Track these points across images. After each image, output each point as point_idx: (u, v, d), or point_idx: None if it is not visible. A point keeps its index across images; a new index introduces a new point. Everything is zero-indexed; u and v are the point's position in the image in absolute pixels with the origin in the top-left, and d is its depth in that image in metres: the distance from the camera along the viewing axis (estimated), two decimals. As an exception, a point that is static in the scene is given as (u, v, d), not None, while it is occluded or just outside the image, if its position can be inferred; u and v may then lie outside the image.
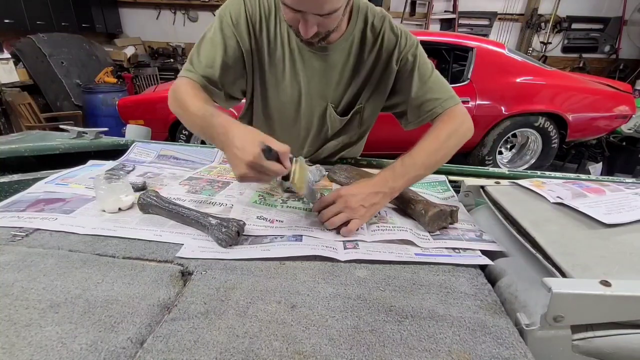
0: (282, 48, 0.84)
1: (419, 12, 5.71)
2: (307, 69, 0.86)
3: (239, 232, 0.61)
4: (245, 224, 0.63)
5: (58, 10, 4.41)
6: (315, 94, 0.89)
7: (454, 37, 3.31)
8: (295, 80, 0.87)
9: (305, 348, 0.42)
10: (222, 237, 0.60)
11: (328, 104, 0.91)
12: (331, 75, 0.88)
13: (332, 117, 0.92)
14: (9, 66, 3.61)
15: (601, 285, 0.42)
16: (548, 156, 3.31)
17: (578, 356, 0.44)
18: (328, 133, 0.96)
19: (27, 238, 0.61)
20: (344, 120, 0.93)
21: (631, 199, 0.64)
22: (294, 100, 0.90)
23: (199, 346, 0.41)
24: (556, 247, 0.52)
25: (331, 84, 0.89)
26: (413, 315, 0.48)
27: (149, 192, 0.70)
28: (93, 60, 4.64)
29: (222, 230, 0.60)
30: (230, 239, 0.60)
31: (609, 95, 3.19)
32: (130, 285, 0.50)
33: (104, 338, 0.41)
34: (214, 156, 1.03)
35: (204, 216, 0.63)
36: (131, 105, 3.09)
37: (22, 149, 0.98)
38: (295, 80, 0.87)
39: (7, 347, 0.39)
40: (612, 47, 5.90)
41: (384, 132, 2.96)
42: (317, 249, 0.60)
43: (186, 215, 0.65)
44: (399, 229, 0.66)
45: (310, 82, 0.87)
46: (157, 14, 5.84)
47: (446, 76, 3.20)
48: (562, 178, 0.89)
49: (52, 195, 0.75)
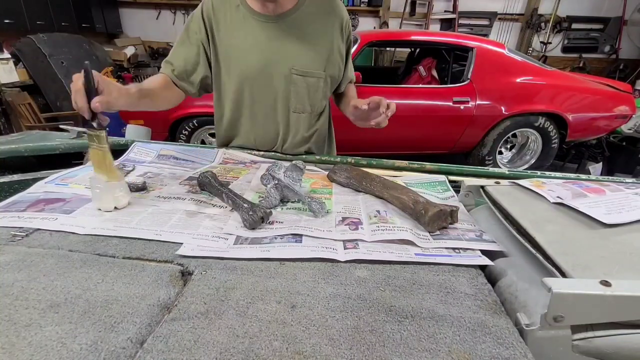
0: (241, 28, 0.98)
1: (419, 12, 5.71)
2: (268, 38, 0.98)
3: (263, 218, 0.66)
4: (271, 213, 0.69)
5: (58, 10, 4.41)
6: (277, 61, 1.00)
7: (454, 37, 3.30)
8: (257, 50, 0.99)
9: (305, 348, 0.42)
10: (247, 218, 0.65)
11: (290, 70, 1.01)
12: (290, 42, 0.99)
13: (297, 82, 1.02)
14: (9, 66, 3.61)
15: (601, 285, 0.42)
16: (548, 156, 3.32)
17: (578, 356, 0.44)
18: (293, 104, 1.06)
19: (27, 238, 0.61)
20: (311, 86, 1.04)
21: (631, 199, 0.64)
22: (259, 70, 1.00)
23: (199, 346, 0.41)
24: (556, 247, 0.52)
25: (291, 51, 1.00)
26: (413, 315, 0.48)
27: (206, 173, 0.80)
28: (93, 60, 4.63)
29: (248, 213, 0.66)
30: (253, 221, 0.65)
31: (609, 95, 3.19)
32: (130, 285, 0.50)
33: (104, 338, 0.41)
34: (214, 156, 1.03)
35: (240, 199, 0.72)
36: (131, 105, 3.09)
37: (22, 149, 0.98)
38: (257, 49, 0.99)
39: (7, 347, 0.39)
40: (612, 47, 5.90)
41: (386, 133, 2.97)
42: (317, 250, 0.60)
43: (227, 195, 0.74)
44: (399, 229, 0.66)
45: (270, 50, 0.99)
46: (157, 14, 5.85)
47: (446, 76, 3.23)
48: (562, 178, 0.89)
49: (52, 195, 0.75)
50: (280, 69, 1.00)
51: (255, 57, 0.99)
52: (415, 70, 3.47)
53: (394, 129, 3.11)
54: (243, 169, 0.97)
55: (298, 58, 1.00)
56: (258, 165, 0.99)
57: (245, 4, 0.98)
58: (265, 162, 1.01)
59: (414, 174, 0.98)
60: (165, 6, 5.76)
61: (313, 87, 1.04)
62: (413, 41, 3.43)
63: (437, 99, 3.01)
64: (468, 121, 3.03)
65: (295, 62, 1.00)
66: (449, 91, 3.01)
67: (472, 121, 3.04)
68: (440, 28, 5.84)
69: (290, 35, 0.98)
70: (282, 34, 0.98)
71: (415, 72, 3.48)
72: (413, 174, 0.98)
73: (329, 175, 0.91)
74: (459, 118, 3.02)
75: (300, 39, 0.99)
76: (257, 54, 0.98)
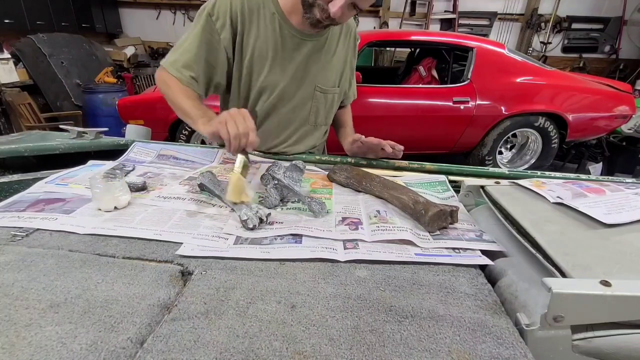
0: (273, 39, 0.94)
1: (419, 12, 5.71)
2: (300, 55, 0.98)
3: (261, 219, 0.67)
4: (270, 214, 0.69)
5: (58, 10, 4.41)
6: (304, 77, 1.00)
7: (454, 37, 3.30)
8: (288, 65, 0.98)
9: (305, 348, 0.42)
10: (246, 219, 0.66)
11: (315, 87, 1.03)
12: (319, 61, 1.00)
13: (318, 99, 1.05)
14: (9, 66, 3.61)
15: (601, 285, 0.42)
16: (548, 156, 3.31)
17: (578, 356, 0.44)
18: (312, 118, 1.08)
19: (27, 238, 0.61)
20: (329, 98, 1.07)
21: (631, 199, 0.64)
22: (285, 85, 0.99)
23: (199, 346, 0.41)
24: (556, 247, 0.52)
25: (319, 70, 1.01)
26: (413, 315, 0.48)
27: (205, 173, 0.80)
28: (93, 60, 4.64)
29: (247, 214, 0.66)
30: (252, 222, 0.65)
31: (609, 95, 3.19)
32: (130, 285, 0.50)
33: (104, 338, 0.41)
34: (214, 156, 1.03)
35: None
36: (131, 105, 3.09)
37: (22, 149, 0.98)
38: (288, 64, 0.98)
39: (7, 347, 0.39)
40: (612, 47, 5.90)
41: (386, 133, 2.97)
42: (316, 251, 0.60)
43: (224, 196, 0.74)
44: (399, 229, 0.66)
45: (300, 67, 0.99)
46: (157, 14, 5.85)
47: (446, 76, 3.23)
48: (562, 178, 0.89)
49: (52, 195, 0.75)
50: (305, 86, 1.01)
51: (284, 72, 0.98)
52: (415, 70, 3.47)
53: (394, 129, 3.13)
54: (243, 169, 0.97)
55: (323, 76, 1.02)
56: (258, 165, 0.99)
57: (282, 15, 0.93)
58: (265, 162, 1.01)
59: (414, 174, 0.98)
60: (165, 6, 5.76)
61: (330, 102, 1.08)
62: (413, 41, 3.43)
63: (437, 99, 3.01)
64: (468, 121, 3.03)
65: (320, 80, 1.02)
66: (449, 91, 3.01)
67: (472, 121, 3.04)
68: (440, 28, 5.84)
69: (320, 54, 1.00)
70: (314, 53, 0.99)
71: (415, 72, 3.47)
72: (413, 174, 0.98)
73: (329, 175, 0.91)
74: (459, 118, 3.02)
75: (327, 58, 1.02)
76: (286, 69, 0.97)
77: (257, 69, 0.97)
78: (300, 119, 1.07)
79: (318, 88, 1.03)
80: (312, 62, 1.00)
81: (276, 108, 1.03)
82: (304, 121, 1.08)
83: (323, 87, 1.04)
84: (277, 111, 1.04)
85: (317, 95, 1.04)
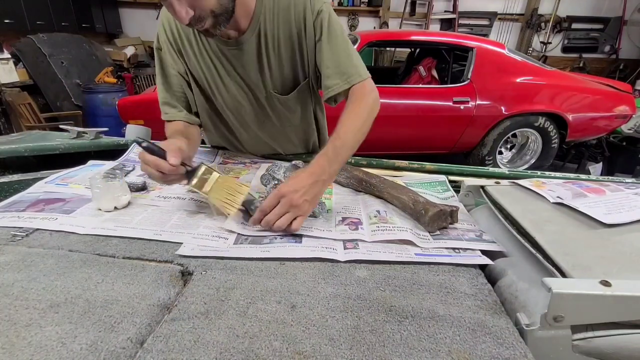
0: (209, 57, 0.86)
1: (419, 12, 5.71)
2: (237, 66, 0.87)
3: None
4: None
5: (58, 10, 4.40)
6: (256, 86, 0.90)
7: (454, 37, 3.30)
8: (234, 81, 0.89)
9: (305, 348, 0.42)
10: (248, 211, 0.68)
11: (269, 92, 0.91)
12: (259, 65, 0.86)
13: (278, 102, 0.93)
14: (9, 66, 3.60)
15: (601, 285, 0.42)
16: (548, 156, 3.31)
17: (578, 356, 0.44)
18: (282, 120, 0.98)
19: (27, 238, 0.61)
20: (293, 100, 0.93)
21: (631, 199, 0.64)
22: (243, 98, 0.92)
23: (199, 346, 0.41)
24: (556, 247, 0.52)
25: (264, 73, 0.88)
26: (413, 315, 0.48)
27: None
28: (93, 60, 4.64)
29: (250, 207, 0.68)
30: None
31: (609, 95, 3.19)
32: (130, 285, 0.50)
33: (104, 338, 0.41)
34: (214, 156, 1.03)
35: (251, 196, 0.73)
36: (131, 105, 3.09)
37: (22, 149, 0.98)
38: (234, 80, 0.89)
39: (7, 347, 0.39)
40: (612, 47, 5.90)
41: (386, 133, 2.97)
42: (316, 250, 0.60)
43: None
44: (399, 229, 0.66)
45: (245, 77, 0.88)
46: (157, 14, 5.83)
47: (446, 76, 3.22)
48: (562, 178, 0.89)
49: (52, 195, 0.75)
50: (259, 96, 0.92)
51: (233, 86, 0.90)
52: (415, 70, 3.47)
53: (394, 129, 3.13)
54: (243, 169, 0.97)
55: (274, 80, 0.89)
56: (258, 165, 0.99)
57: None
58: (265, 162, 1.01)
59: (414, 174, 0.98)
60: (165, 6, 5.75)
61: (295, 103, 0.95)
62: (413, 41, 3.43)
63: (437, 99, 3.01)
64: (468, 121, 3.03)
65: (273, 84, 0.90)
66: (449, 91, 3.01)
67: (472, 121, 3.03)
68: (440, 28, 5.84)
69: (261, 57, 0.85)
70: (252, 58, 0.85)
71: (415, 72, 3.47)
72: (413, 174, 0.98)
73: (329, 175, 0.90)
74: (459, 118, 3.02)
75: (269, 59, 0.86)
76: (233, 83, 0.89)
77: (213, 91, 0.91)
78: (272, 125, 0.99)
79: (274, 95, 0.91)
80: (254, 70, 0.87)
81: (244, 120, 0.97)
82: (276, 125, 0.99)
83: (279, 94, 0.91)
84: (247, 122, 0.98)
85: (277, 102, 0.93)
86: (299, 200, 0.64)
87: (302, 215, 0.65)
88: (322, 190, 0.69)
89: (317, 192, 0.68)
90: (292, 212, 0.64)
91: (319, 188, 0.68)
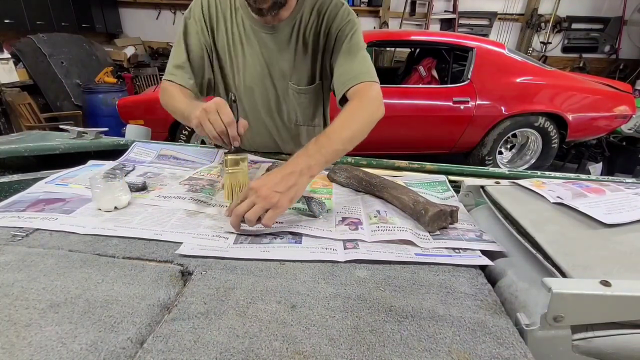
0: (239, 35, 0.93)
1: (419, 12, 5.71)
2: (264, 50, 0.94)
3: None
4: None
5: (58, 10, 4.40)
6: (276, 73, 0.96)
7: (454, 37, 3.30)
8: (258, 63, 0.95)
9: (305, 348, 0.42)
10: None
11: (287, 82, 0.97)
12: (285, 54, 0.94)
13: (293, 94, 0.99)
14: (9, 66, 3.60)
15: (601, 285, 0.42)
16: (548, 156, 3.31)
17: (578, 356, 0.44)
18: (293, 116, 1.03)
19: (27, 238, 0.61)
20: (306, 96, 1.00)
21: (631, 199, 0.64)
22: (260, 81, 0.97)
23: (199, 346, 0.41)
24: (556, 247, 0.52)
25: (288, 62, 0.95)
26: (413, 315, 0.48)
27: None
28: (93, 60, 4.64)
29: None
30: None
31: (609, 95, 3.19)
32: (130, 285, 0.50)
33: (104, 338, 0.41)
34: (214, 156, 1.03)
35: None
36: (131, 105, 3.09)
37: (22, 149, 0.98)
38: (258, 62, 0.95)
39: (7, 347, 0.39)
40: (612, 47, 5.90)
41: (386, 133, 2.97)
42: (316, 252, 0.60)
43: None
44: (399, 229, 0.66)
45: (269, 62, 0.95)
46: (157, 14, 5.84)
47: (446, 76, 3.22)
48: (562, 178, 0.89)
49: (52, 195, 0.75)
50: (278, 85, 0.98)
51: (254, 70, 0.96)
52: (415, 70, 3.47)
53: (394, 129, 3.13)
54: (243, 169, 0.97)
55: (295, 71, 0.96)
56: (258, 165, 0.99)
57: (245, 9, 0.91)
58: (265, 162, 1.01)
59: (414, 174, 0.98)
60: (165, 6, 5.76)
61: (308, 101, 1.01)
62: (413, 41, 3.43)
63: (437, 99, 3.01)
64: (468, 121, 3.03)
65: (293, 77, 0.97)
66: (449, 91, 3.01)
67: (472, 121, 3.04)
68: (440, 28, 5.84)
69: (288, 48, 0.93)
70: (281, 47, 0.93)
71: (415, 72, 3.47)
72: (413, 174, 0.98)
73: (329, 175, 0.90)
74: (459, 118, 3.02)
75: (298, 52, 0.94)
76: (255, 67, 0.95)
77: (233, 68, 0.97)
78: (282, 119, 1.03)
79: (292, 87, 0.97)
80: (280, 57, 0.94)
81: (257, 107, 1.01)
82: (285, 121, 1.04)
83: (297, 86, 0.97)
84: (258, 110, 1.01)
85: (291, 94, 0.99)
86: (267, 191, 0.62)
87: (274, 209, 0.62)
88: (300, 182, 0.66)
89: (291, 183, 0.65)
90: (261, 204, 0.61)
91: (295, 179, 0.65)
